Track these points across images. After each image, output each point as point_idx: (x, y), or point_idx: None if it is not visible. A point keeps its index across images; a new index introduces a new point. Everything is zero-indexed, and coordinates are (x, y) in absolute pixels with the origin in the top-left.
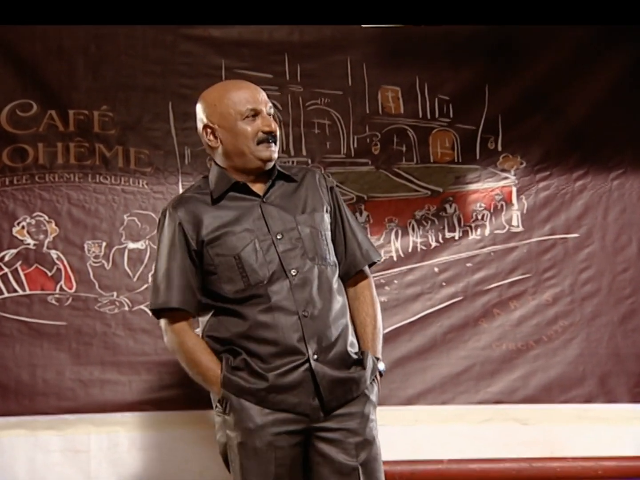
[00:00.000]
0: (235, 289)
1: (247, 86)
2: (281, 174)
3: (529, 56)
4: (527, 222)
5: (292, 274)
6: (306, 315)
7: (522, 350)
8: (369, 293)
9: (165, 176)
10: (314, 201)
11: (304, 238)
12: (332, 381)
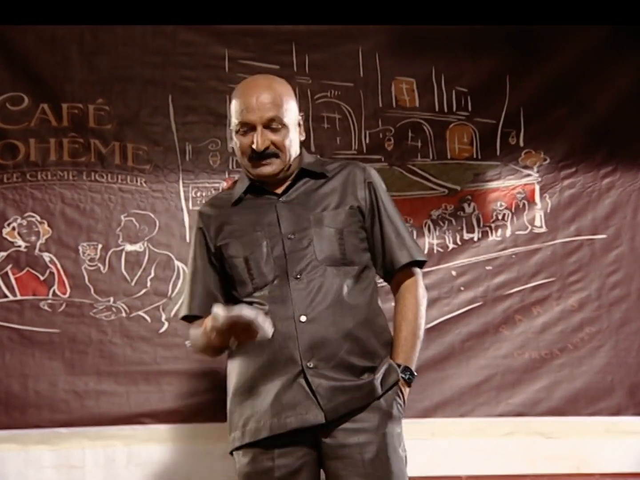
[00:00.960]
0: (246, 292)
1: (252, 91)
2: (305, 171)
3: (554, 44)
4: (551, 223)
5: (296, 276)
6: (303, 320)
7: (546, 359)
8: (411, 295)
9: (165, 174)
10: (342, 197)
11: (316, 238)
12: (331, 389)
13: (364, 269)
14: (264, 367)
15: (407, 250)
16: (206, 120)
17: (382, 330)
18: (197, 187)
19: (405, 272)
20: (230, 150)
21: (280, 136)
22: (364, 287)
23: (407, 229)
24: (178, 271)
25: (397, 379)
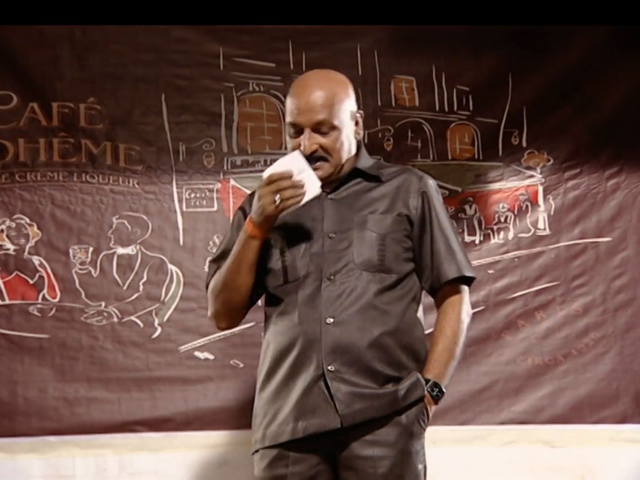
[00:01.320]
0: (275, 284)
1: (303, 91)
2: (359, 172)
3: (558, 42)
4: (554, 225)
5: (329, 277)
6: (329, 322)
7: (550, 365)
8: (453, 311)
9: (158, 175)
10: (392, 203)
11: (357, 240)
12: (349, 394)
13: (403, 279)
14: (290, 367)
15: (456, 264)
16: (200, 119)
17: (414, 342)
18: (191, 188)
19: (451, 288)
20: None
21: (330, 139)
22: (400, 296)
23: (459, 243)
24: (171, 275)
25: (422, 394)
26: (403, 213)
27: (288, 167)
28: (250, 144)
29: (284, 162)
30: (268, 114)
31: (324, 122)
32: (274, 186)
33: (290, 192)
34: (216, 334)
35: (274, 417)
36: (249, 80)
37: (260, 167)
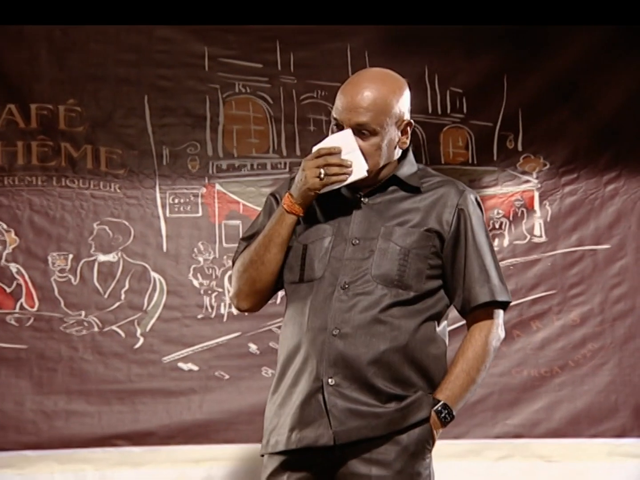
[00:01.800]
0: (290, 279)
1: (352, 88)
2: (397, 180)
3: (556, 41)
4: (551, 232)
5: (343, 285)
6: (335, 333)
7: (546, 377)
8: (480, 335)
9: (141, 179)
10: (425, 217)
11: (379, 251)
12: (346, 411)
13: (422, 296)
14: (294, 373)
15: (489, 287)
16: (184, 122)
17: (427, 360)
18: (175, 193)
19: (483, 312)
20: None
21: (369, 144)
22: (416, 311)
23: (496, 265)
24: (154, 283)
25: (426, 415)
26: (434, 229)
27: (338, 144)
28: (236, 148)
29: (335, 139)
30: (255, 116)
31: (364, 125)
32: (321, 160)
33: (336, 169)
34: (200, 345)
35: (277, 423)
36: (235, 82)
37: (246, 171)
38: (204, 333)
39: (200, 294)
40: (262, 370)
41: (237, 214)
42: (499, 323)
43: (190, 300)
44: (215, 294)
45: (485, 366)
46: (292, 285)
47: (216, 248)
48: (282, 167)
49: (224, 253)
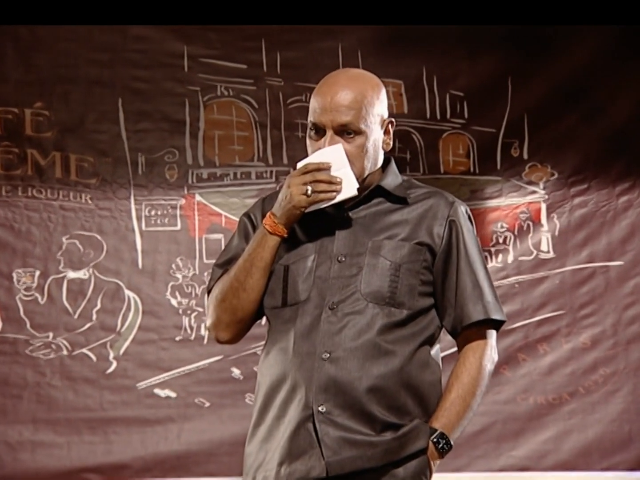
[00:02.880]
0: (273, 304)
1: (329, 89)
2: (383, 190)
3: (564, 42)
4: (559, 247)
5: (331, 306)
6: (325, 358)
7: (554, 404)
8: (475, 357)
9: (114, 189)
10: (414, 229)
11: (368, 268)
12: (339, 440)
13: (416, 315)
14: (280, 404)
15: (482, 305)
16: (162, 127)
17: (423, 386)
18: (151, 204)
19: (476, 331)
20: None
21: (354, 146)
22: (410, 334)
23: (489, 280)
24: (128, 302)
25: (424, 445)
26: (424, 242)
27: (327, 160)
28: (218, 155)
29: (324, 154)
30: (238, 121)
31: (348, 125)
32: (309, 176)
33: (324, 186)
34: (179, 369)
35: (263, 459)
36: (216, 84)
37: (229, 180)
38: (182, 356)
39: (178, 314)
40: (246, 397)
41: (219, 227)
42: (492, 344)
43: (168, 320)
44: (194, 313)
45: (481, 391)
46: (274, 311)
47: (196, 264)
48: (268, 177)
49: (204, 269)
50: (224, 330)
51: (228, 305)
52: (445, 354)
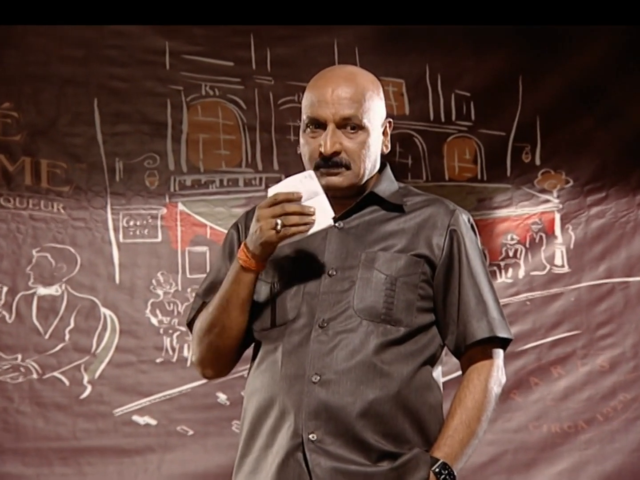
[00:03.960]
0: (261, 326)
1: (329, 82)
2: (377, 198)
3: (578, 39)
4: (575, 261)
5: (321, 324)
6: (315, 381)
7: (570, 433)
8: (479, 379)
9: (89, 198)
10: (412, 240)
11: (361, 282)
12: (331, 470)
13: (414, 333)
14: (268, 432)
15: (487, 321)
16: (141, 130)
17: (423, 411)
18: (130, 214)
19: (480, 350)
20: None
21: (356, 142)
22: (408, 353)
23: (494, 295)
24: (104, 321)
25: (425, 476)
26: (423, 253)
27: (298, 188)
28: (202, 160)
29: (294, 181)
30: (225, 123)
31: (352, 118)
32: (278, 208)
33: (296, 218)
34: (159, 394)
35: None
36: (201, 83)
37: (214, 188)
38: (163, 380)
39: (159, 334)
40: (233, 425)
41: (204, 239)
42: (499, 365)
43: (148, 341)
44: (177, 333)
45: (487, 416)
46: (262, 333)
47: (178, 279)
48: (257, 184)
49: (187, 285)
50: (208, 368)
51: (209, 344)
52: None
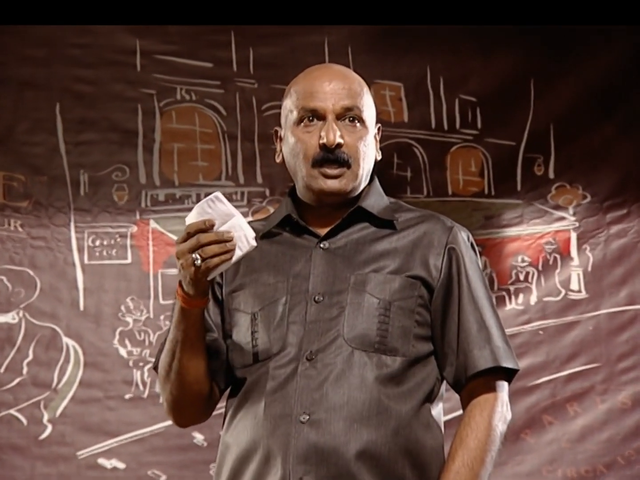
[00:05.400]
0: (242, 362)
1: (322, 76)
2: (366, 213)
3: (597, 39)
4: (593, 285)
5: (309, 356)
6: (304, 420)
7: (587, 478)
8: (482, 416)
9: (50, 214)
10: (406, 260)
11: (351, 307)
12: None
13: (412, 364)
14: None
15: (490, 350)
16: (109, 138)
17: (424, 452)
18: (96, 232)
19: (483, 383)
20: (278, 161)
21: (356, 136)
22: (407, 389)
23: (498, 320)
24: (67, 352)
25: None
26: (418, 275)
27: (209, 214)
28: (177, 173)
29: (204, 207)
30: (202, 131)
31: (353, 109)
32: (194, 241)
33: (214, 248)
34: (129, 434)
35: None
36: (176, 86)
37: (191, 203)
38: (133, 418)
39: (128, 367)
40: (210, 468)
41: None
42: (503, 399)
43: (115, 374)
44: (148, 366)
45: (492, 457)
46: (243, 370)
47: (150, 305)
48: (239, 199)
49: (160, 312)
50: (179, 418)
51: (170, 393)
52: (453, 417)
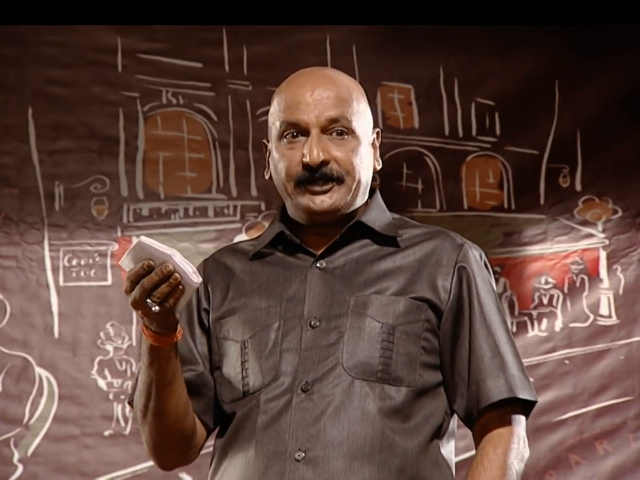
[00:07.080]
0: (231, 396)
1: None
2: (367, 229)
3: (626, 38)
4: (624, 310)
5: (304, 387)
6: (299, 458)
7: None
8: (496, 454)
9: (22, 231)
10: (411, 280)
11: (351, 332)
12: None
13: (419, 395)
14: None
15: (505, 379)
16: (87, 147)
17: None
18: (72, 251)
19: (497, 417)
20: (267, 177)
21: (346, 150)
22: (415, 423)
23: (513, 346)
24: (40, 383)
25: None
26: (425, 297)
27: (144, 258)
28: (163, 185)
29: (137, 251)
30: (191, 138)
31: (340, 120)
32: (139, 289)
33: (163, 289)
34: (108, 475)
35: None
36: (161, 88)
37: (178, 218)
38: (113, 458)
39: (108, 400)
40: None
41: None
42: (520, 434)
43: (94, 408)
44: None
45: None
46: (232, 405)
47: (132, 332)
48: (231, 213)
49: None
50: (162, 461)
51: (149, 435)
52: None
